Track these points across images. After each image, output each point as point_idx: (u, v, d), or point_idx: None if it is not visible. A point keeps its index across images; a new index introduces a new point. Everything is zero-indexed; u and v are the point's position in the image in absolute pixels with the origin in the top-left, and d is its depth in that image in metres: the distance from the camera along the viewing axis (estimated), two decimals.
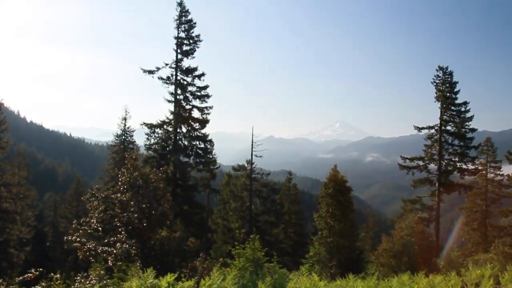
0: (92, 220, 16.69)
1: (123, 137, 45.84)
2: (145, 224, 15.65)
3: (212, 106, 32.67)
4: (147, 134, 31.33)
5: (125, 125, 45.70)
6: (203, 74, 32.18)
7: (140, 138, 50.35)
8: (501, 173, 43.67)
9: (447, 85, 34.40)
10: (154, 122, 31.39)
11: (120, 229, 16.21)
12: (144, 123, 31.26)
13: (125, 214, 15.68)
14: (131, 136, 46.43)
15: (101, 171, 46.87)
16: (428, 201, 36.34)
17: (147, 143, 31.47)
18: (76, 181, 61.95)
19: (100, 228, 16.71)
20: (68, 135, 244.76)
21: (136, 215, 15.57)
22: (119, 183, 16.54)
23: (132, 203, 15.79)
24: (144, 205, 15.65)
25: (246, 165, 48.72)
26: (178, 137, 32.20)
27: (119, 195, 16.30)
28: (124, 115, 45.37)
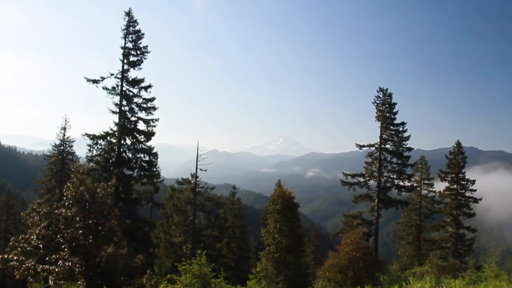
0: (32, 237, 15.39)
1: (62, 147, 43.69)
2: (90, 241, 14.82)
3: (158, 119, 32.04)
4: (89, 145, 29.97)
5: (64, 134, 43.63)
6: (150, 86, 31.52)
7: (80, 149, 48.20)
8: (433, 189, 46.51)
9: (387, 105, 36.21)
10: (97, 133, 30.15)
11: (63, 246, 15.22)
12: (87, 134, 29.90)
13: (69, 230, 14.76)
14: (71, 146, 44.39)
15: (36, 183, 44.15)
16: (368, 216, 37.70)
17: (89, 155, 30.08)
18: (6, 193, 57.73)
19: (41, 245, 15.54)
20: None
21: (81, 231, 14.73)
22: (64, 197, 15.57)
23: (77, 218, 14.89)
24: (90, 221, 14.86)
25: (190, 178, 48.05)
26: (122, 149, 31.08)
27: (63, 210, 15.26)
28: (63, 124, 43.38)
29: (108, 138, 30.49)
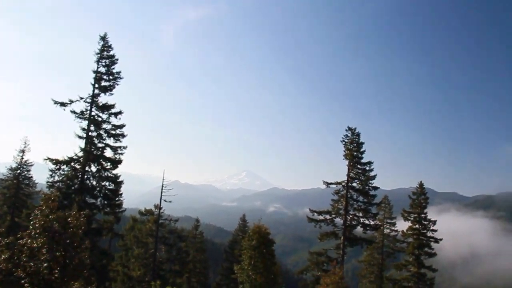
0: None
1: (19, 171, 41.48)
2: (57, 275, 13.58)
3: (127, 146, 31.11)
4: (51, 170, 28.47)
5: (22, 158, 41.56)
6: (120, 112, 30.71)
7: (38, 174, 45.88)
8: (395, 228, 47.32)
9: (355, 144, 37.00)
10: (61, 158, 28.77)
11: (23, 281, 13.80)
12: (49, 158, 28.45)
13: (32, 264, 13.48)
14: (28, 170, 42.23)
15: None
16: (333, 254, 37.56)
17: (50, 180, 28.52)
18: None
19: None
20: None
21: (46, 264, 13.48)
22: (30, 227, 14.30)
23: (44, 250, 13.68)
24: (58, 253, 13.67)
25: (153, 209, 46.61)
26: (86, 176, 29.78)
27: (28, 240, 14.00)
28: (22, 147, 41.38)
29: (72, 163, 29.15)
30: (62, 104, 29.21)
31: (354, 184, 37.34)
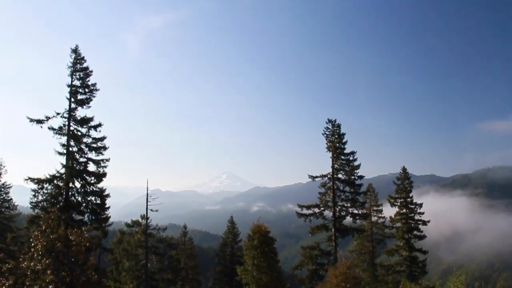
0: None
1: None
2: None
3: (109, 159, 30.40)
4: (34, 190, 27.58)
5: None
6: (99, 125, 30.02)
7: (17, 196, 44.57)
8: (382, 215, 48.01)
9: (336, 136, 37.33)
10: (42, 177, 27.93)
11: None
12: (30, 178, 27.55)
13: (36, 287, 12.98)
14: (7, 193, 40.92)
15: None
16: (325, 247, 37.81)
17: (34, 201, 27.63)
18: None
19: None
20: None
21: (51, 286, 13.00)
22: (32, 249, 13.75)
23: (48, 271, 13.22)
24: (64, 273, 13.25)
25: (140, 220, 45.99)
26: (70, 193, 29.01)
27: (32, 263, 13.47)
28: None
29: (55, 181, 28.35)
30: (39, 122, 28.37)
31: (340, 175, 37.66)
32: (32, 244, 14.10)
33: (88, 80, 30.18)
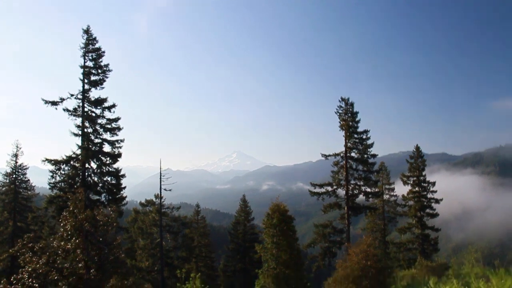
0: (24, 275, 13.58)
1: (14, 175, 40.89)
2: (93, 274, 13.52)
3: (124, 139, 30.68)
4: (51, 171, 28.04)
5: (16, 162, 40.92)
6: (113, 106, 30.20)
7: (35, 177, 45.40)
8: (394, 194, 48.07)
9: (349, 114, 37.05)
10: (59, 158, 28.37)
11: (60, 284, 13.69)
12: (47, 159, 28.00)
13: (67, 265, 13.39)
14: (24, 174, 41.65)
15: None
16: (338, 225, 38.12)
17: (52, 181, 28.15)
18: None
19: (37, 285, 13.56)
20: None
21: (80, 264, 13.40)
22: (61, 229, 14.12)
23: (78, 251, 13.60)
24: (93, 252, 13.62)
25: (154, 199, 46.69)
26: (87, 174, 29.49)
27: (62, 243, 13.90)
28: (15, 151, 40.68)
29: (72, 162, 28.78)
30: (54, 103, 28.61)
31: (353, 154, 37.57)
32: (62, 224, 14.45)
33: (101, 61, 30.23)
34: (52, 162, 28.06)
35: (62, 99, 29.06)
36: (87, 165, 29.44)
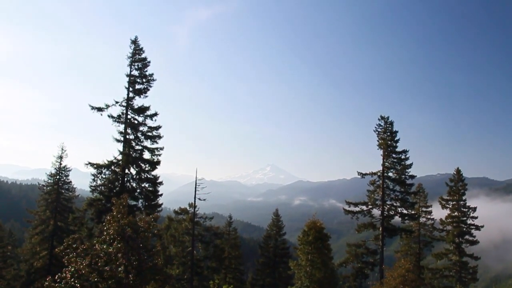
0: (67, 275, 14.10)
1: (58, 176, 42.59)
2: (132, 279, 13.89)
3: (163, 147, 31.57)
4: (93, 174, 29.17)
5: (60, 163, 42.63)
6: (155, 114, 31.19)
7: (75, 179, 47.06)
8: (432, 217, 46.47)
9: (388, 133, 36.46)
10: (101, 162, 29.47)
11: (100, 286, 14.10)
12: (90, 163, 29.18)
13: (107, 268, 13.85)
14: (67, 176, 43.31)
15: (30, 214, 42.56)
16: (371, 245, 37.27)
17: (93, 185, 29.26)
18: None
19: (78, 285, 14.06)
20: None
21: (120, 268, 13.83)
22: (104, 233, 14.66)
23: (119, 255, 14.04)
24: (133, 257, 14.02)
25: (188, 208, 47.24)
26: (126, 179, 30.44)
27: (105, 246, 14.43)
28: (60, 153, 42.42)
29: (112, 167, 29.82)
30: (99, 109, 29.87)
31: (390, 174, 36.83)
32: (105, 228, 14.94)
33: (146, 71, 31.30)
34: (94, 166, 29.13)
35: (108, 106, 30.25)
36: (126, 171, 30.35)
